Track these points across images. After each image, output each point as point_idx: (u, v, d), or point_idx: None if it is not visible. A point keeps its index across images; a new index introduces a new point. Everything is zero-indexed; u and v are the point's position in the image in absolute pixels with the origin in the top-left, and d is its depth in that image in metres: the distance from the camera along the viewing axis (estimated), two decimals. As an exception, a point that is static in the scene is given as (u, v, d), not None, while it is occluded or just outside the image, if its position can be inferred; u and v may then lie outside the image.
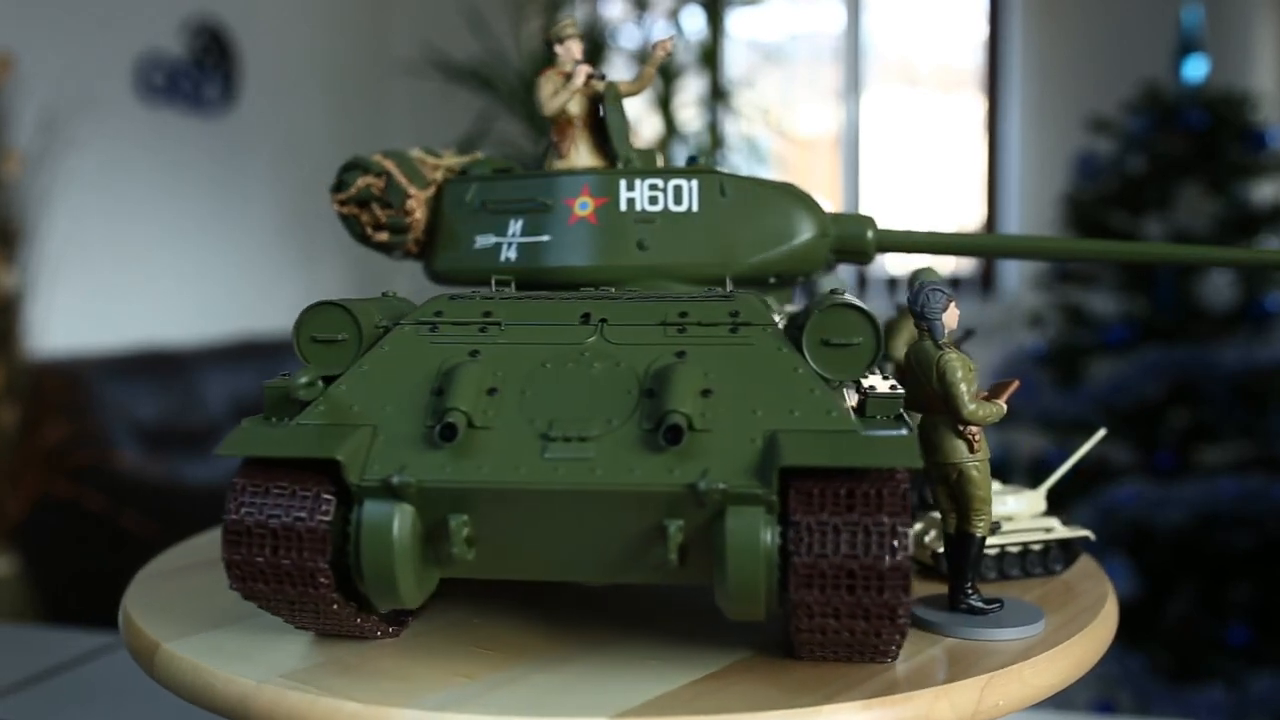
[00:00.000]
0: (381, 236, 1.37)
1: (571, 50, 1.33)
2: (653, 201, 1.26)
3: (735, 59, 5.63)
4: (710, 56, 5.09)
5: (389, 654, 1.05)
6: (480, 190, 1.33)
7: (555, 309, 1.07)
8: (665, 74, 4.95)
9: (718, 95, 5.13)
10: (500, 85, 4.93)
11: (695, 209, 1.26)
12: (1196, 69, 4.14)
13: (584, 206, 1.27)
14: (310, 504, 0.97)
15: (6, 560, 3.66)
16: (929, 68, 6.22)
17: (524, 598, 1.19)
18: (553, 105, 1.32)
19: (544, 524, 0.96)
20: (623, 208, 1.26)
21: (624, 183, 1.27)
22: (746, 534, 0.90)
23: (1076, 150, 4.39)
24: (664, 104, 4.97)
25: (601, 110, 1.32)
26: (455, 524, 0.96)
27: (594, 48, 4.87)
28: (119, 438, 3.96)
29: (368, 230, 1.37)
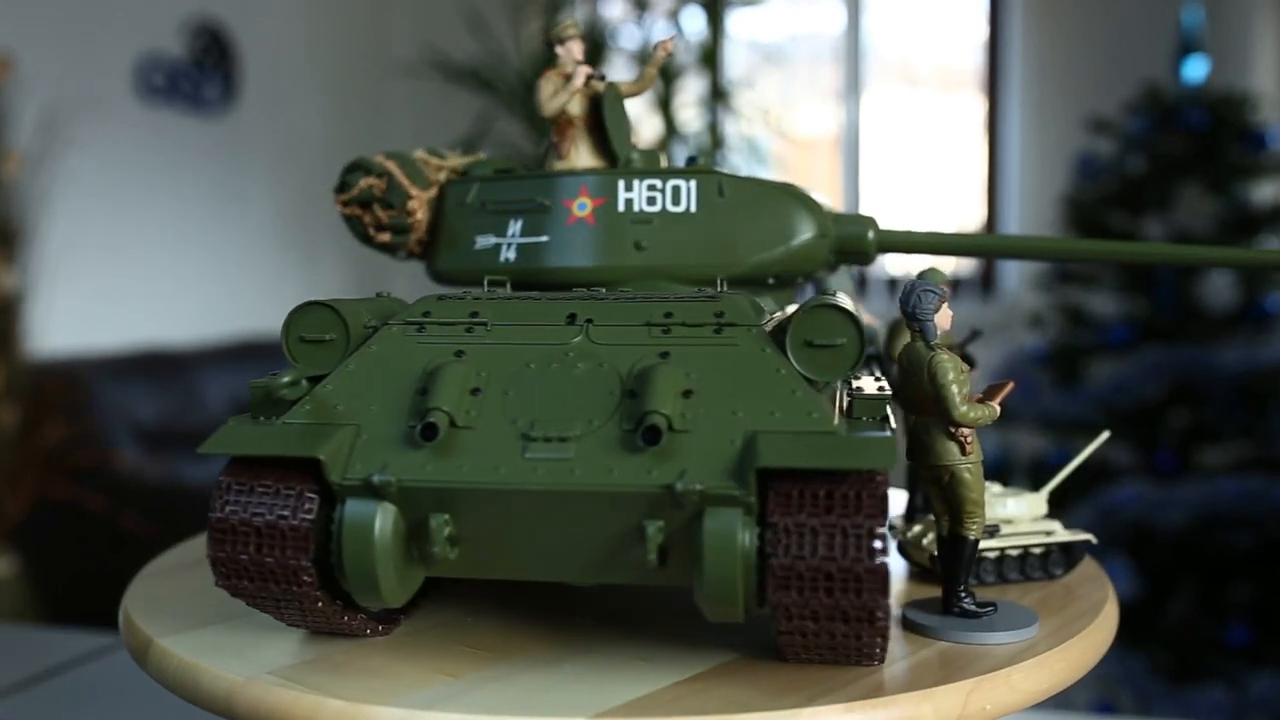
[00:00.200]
0: (384, 237, 1.38)
1: (572, 51, 1.33)
2: (651, 202, 1.26)
3: (735, 59, 5.64)
4: (710, 57, 5.10)
5: (378, 652, 1.05)
6: (481, 191, 1.34)
7: (542, 309, 1.07)
8: (665, 74, 4.95)
9: (718, 96, 5.13)
10: (500, 86, 4.93)
11: (693, 209, 1.26)
12: (1196, 69, 4.14)
13: (582, 207, 1.27)
14: (293, 502, 0.98)
15: (6, 560, 3.66)
16: (929, 68, 6.22)
17: (518, 598, 1.19)
18: (552, 106, 1.32)
19: (525, 524, 0.96)
20: (620, 208, 1.26)
21: (622, 183, 1.27)
22: (723, 535, 0.90)
23: (1076, 151, 4.39)
24: (664, 104, 4.97)
25: (602, 111, 1.32)
26: (436, 523, 0.96)
27: (594, 48, 4.87)
28: (119, 438, 3.96)
29: (370, 231, 1.38)
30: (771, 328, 1.02)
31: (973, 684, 0.95)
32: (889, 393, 1.01)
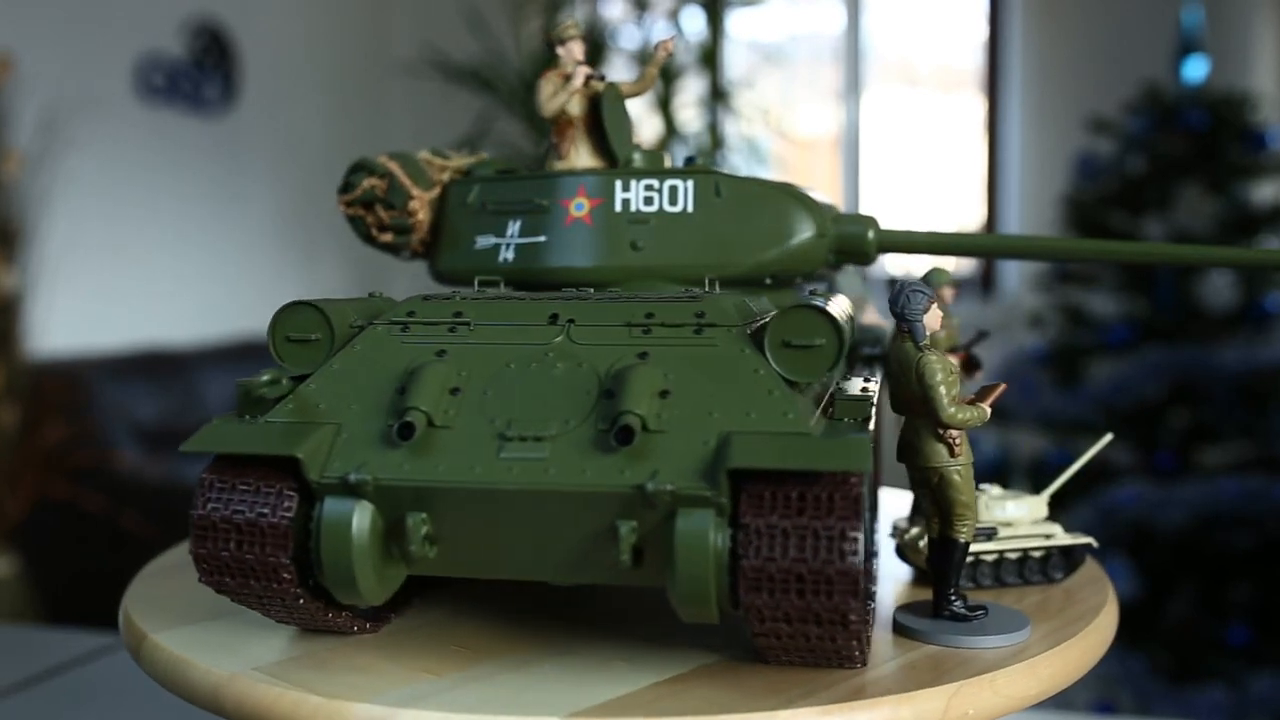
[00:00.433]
0: (386, 237, 1.38)
1: (573, 51, 1.33)
2: (648, 202, 1.26)
3: (735, 59, 5.63)
4: (710, 57, 5.09)
5: (365, 649, 1.06)
6: (482, 191, 1.34)
7: (525, 309, 1.07)
8: (665, 75, 4.95)
9: (718, 96, 5.13)
10: (500, 86, 4.93)
11: (690, 209, 1.26)
12: (1196, 69, 4.14)
13: (580, 207, 1.28)
14: (273, 500, 0.99)
15: (6, 560, 3.66)
16: (929, 68, 6.22)
17: (509, 597, 1.20)
18: (552, 106, 1.32)
19: (501, 523, 0.97)
20: (618, 208, 1.26)
21: (619, 183, 1.27)
22: (695, 536, 0.90)
23: (1076, 151, 4.39)
24: (664, 105, 4.97)
25: (601, 111, 1.32)
26: (413, 522, 0.97)
27: (594, 48, 4.87)
28: (119, 438, 3.95)
29: (373, 231, 1.38)
30: (754, 329, 1.02)
31: (955, 688, 0.94)
32: (871, 394, 1.00)
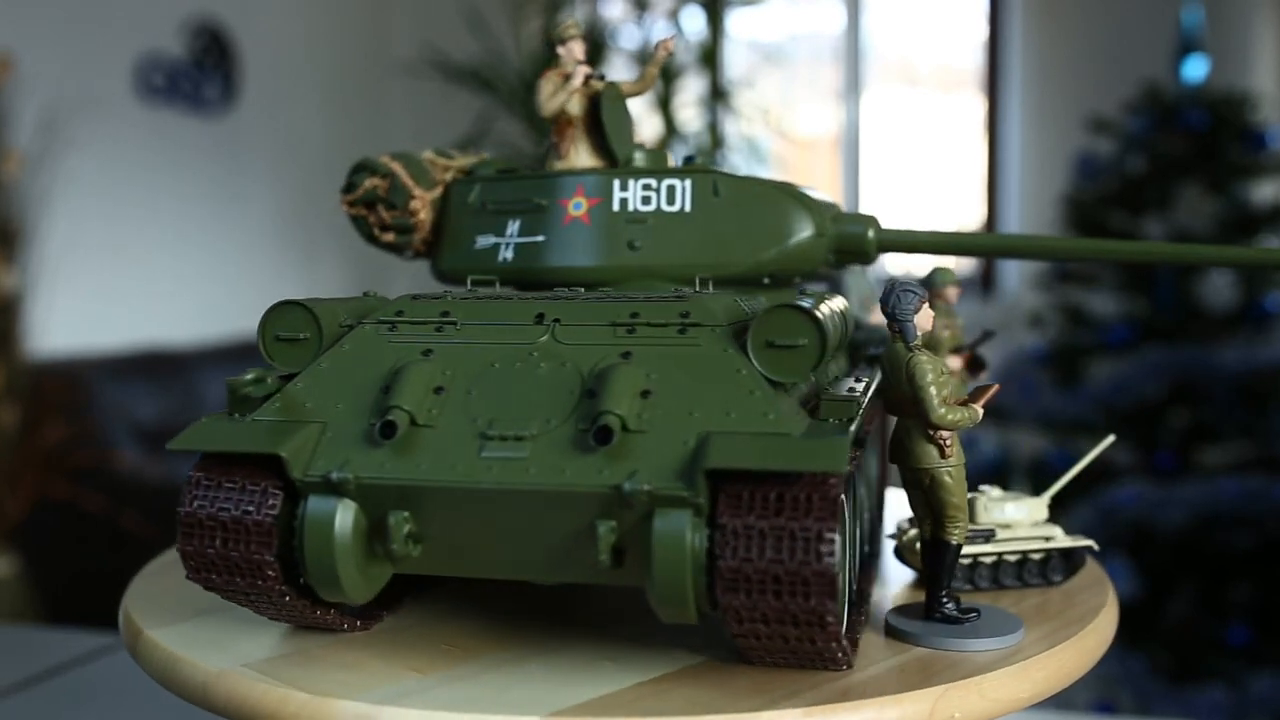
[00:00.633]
0: (388, 237, 1.39)
1: (573, 51, 1.33)
2: (646, 202, 1.26)
3: (735, 59, 5.63)
4: (710, 57, 5.10)
5: (356, 647, 1.07)
6: (482, 191, 1.34)
7: (512, 309, 1.07)
8: (665, 74, 4.95)
9: (718, 95, 5.13)
10: (500, 86, 4.93)
11: (688, 209, 1.26)
12: (1196, 69, 4.14)
13: (578, 207, 1.28)
14: (258, 498, 1.00)
15: (6, 560, 3.66)
16: (929, 68, 6.22)
17: (502, 596, 1.20)
18: (551, 106, 1.32)
19: (483, 522, 0.97)
20: (615, 208, 1.26)
21: (617, 183, 1.27)
22: (672, 536, 0.90)
23: (1076, 150, 4.39)
24: (664, 104, 4.97)
25: (601, 110, 1.32)
26: (395, 520, 0.97)
27: (594, 48, 4.87)
28: (119, 438, 3.95)
29: (375, 231, 1.39)
30: (739, 329, 1.02)
31: (941, 690, 0.93)
32: (856, 395, 0.99)
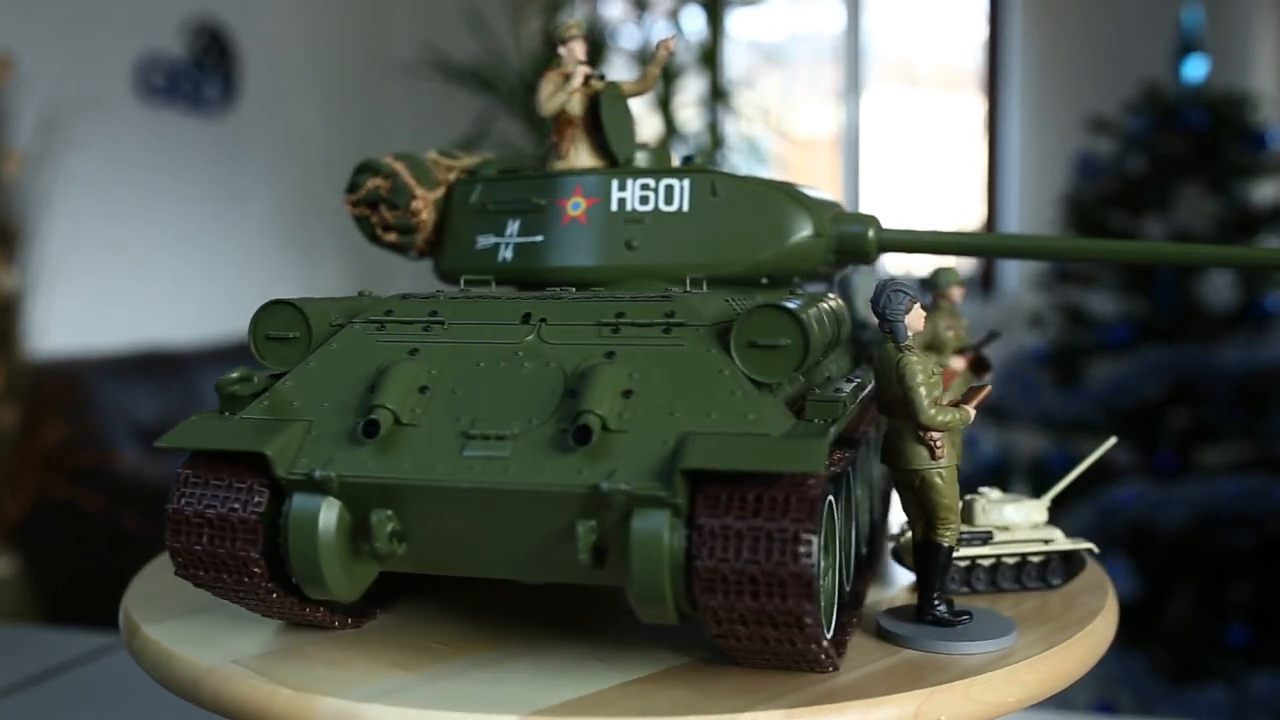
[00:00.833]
0: (390, 237, 1.39)
1: (574, 51, 1.33)
2: (643, 202, 1.26)
3: (735, 59, 5.63)
4: (710, 57, 5.09)
5: (346, 644, 1.07)
6: (483, 191, 1.34)
7: (499, 309, 1.08)
8: (665, 74, 4.95)
9: (718, 95, 5.13)
10: (500, 86, 4.93)
11: (686, 209, 1.26)
12: (1196, 69, 4.14)
13: (576, 207, 1.28)
14: (244, 496, 1.01)
15: (6, 560, 3.66)
16: (929, 68, 6.22)
17: (501, 596, 1.20)
18: (551, 106, 1.32)
19: (465, 521, 0.97)
20: (613, 208, 1.26)
21: (616, 183, 1.27)
22: (650, 536, 0.90)
23: (1076, 150, 4.39)
24: (664, 104, 4.97)
25: (600, 110, 1.32)
26: (378, 519, 0.97)
27: (594, 48, 4.87)
28: (119, 438, 3.95)
29: (378, 231, 1.39)
30: (723, 329, 1.01)
31: (926, 694, 0.93)
32: (841, 397, 0.99)
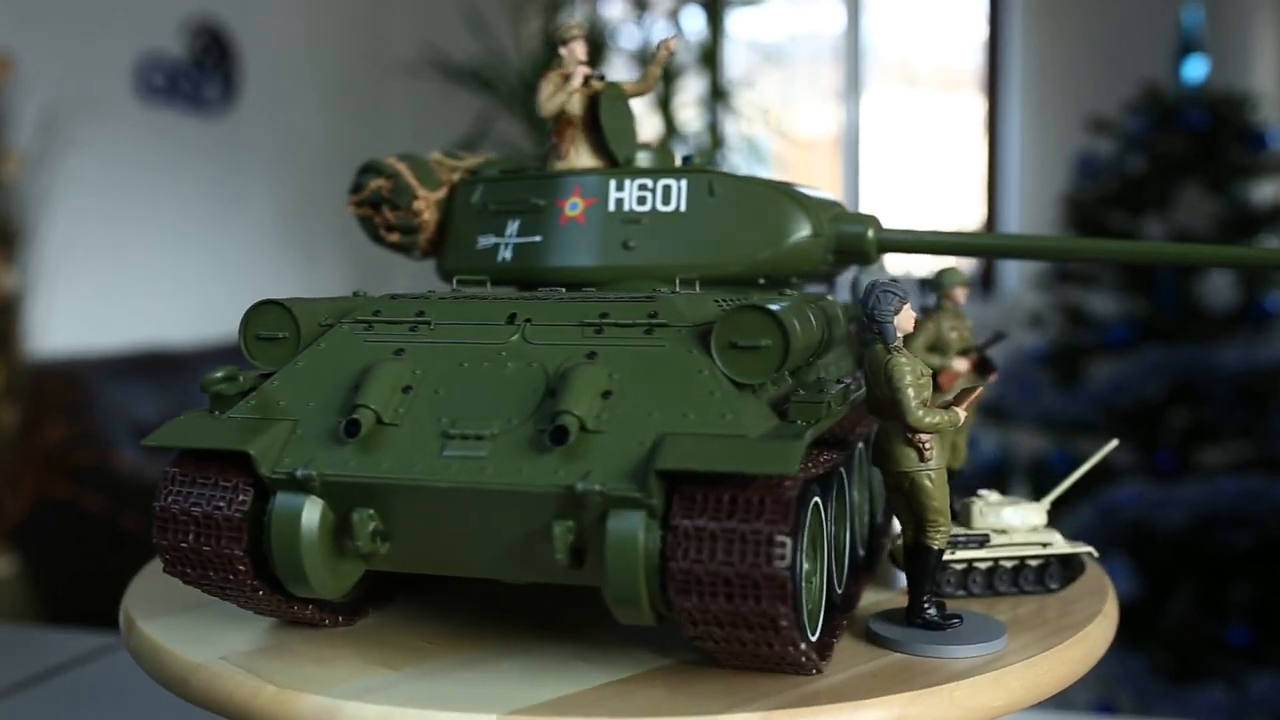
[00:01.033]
0: (393, 237, 1.40)
1: (575, 52, 1.33)
2: (641, 202, 1.26)
3: (735, 59, 5.63)
4: (710, 57, 5.09)
5: (335, 642, 1.08)
6: (485, 191, 1.35)
7: (485, 309, 1.08)
8: (665, 74, 4.95)
9: (718, 95, 5.13)
10: (500, 86, 4.93)
11: (683, 209, 1.26)
12: (1196, 69, 4.14)
13: (574, 207, 1.28)
14: (229, 494, 1.02)
15: (6, 560, 3.66)
16: (929, 68, 6.22)
17: (498, 595, 1.20)
18: (550, 106, 1.32)
19: (445, 521, 0.98)
20: (611, 208, 1.26)
21: (613, 183, 1.27)
22: (625, 537, 0.90)
23: (1076, 150, 4.39)
24: (664, 104, 4.97)
25: (600, 110, 1.32)
26: (359, 518, 0.98)
27: (594, 48, 4.87)
28: (119, 438, 3.95)
29: (381, 231, 1.40)
30: (705, 329, 1.01)
31: (909, 697, 0.92)
32: (823, 398, 0.98)
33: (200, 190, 5.07)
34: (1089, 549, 1.26)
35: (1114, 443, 1.34)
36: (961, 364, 1.35)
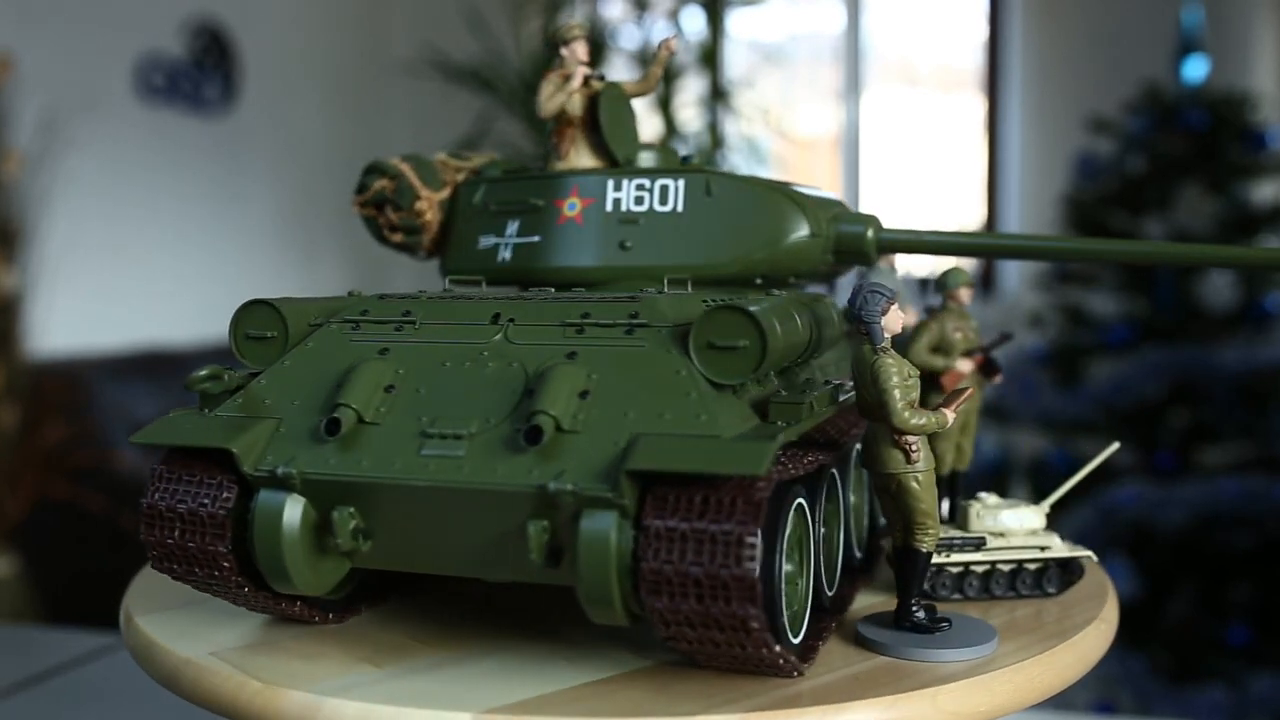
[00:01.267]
0: (397, 238, 1.40)
1: (577, 52, 1.33)
2: (638, 202, 1.26)
3: (735, 59, 5.63)
4: (710, 57, 5.09)
5: (324, 639, 1.09)
6: (486, 192, 1.35)
7: (470, 309, 1.09)
8: (665, 74, 4.95)
9: (718, 95, 5.13)
10: (500, 86, 4.93)
11: (680, 209, 1.26)
12: (1196, 69, 4.14)
13: (572, 207, 1.28)
14: (213, 491, 1.03)
15: (6, 560, 3.66)
16: (929, 68, 6.22)
17: (495, 594, 1.20)
18: (550, 107, 1.32)
19: (424, 519, 0.98)
20: (608, 208, 1.26)
21: (611, 183, 1.27)
22: (597, 536, 0.90)
23: (1076, 150, 4.39)
24: (664, 104, 4.97)
25: (599, 110, 1.32)
26: (340, 516, 0.98)
27: (594, 48, 4.86)
28: (119, 438, 3.95)
29: (385, 232, 1.40)
30: (685, 330, 1.00)
31: (890, 701, 0.92)
32: (804, 400, 0.98)
33: (200, 190, 5.07)
34: (1088, 553, 1.24)
35: (1115, 446, 1.34)
36: (966, 365, 1.34)
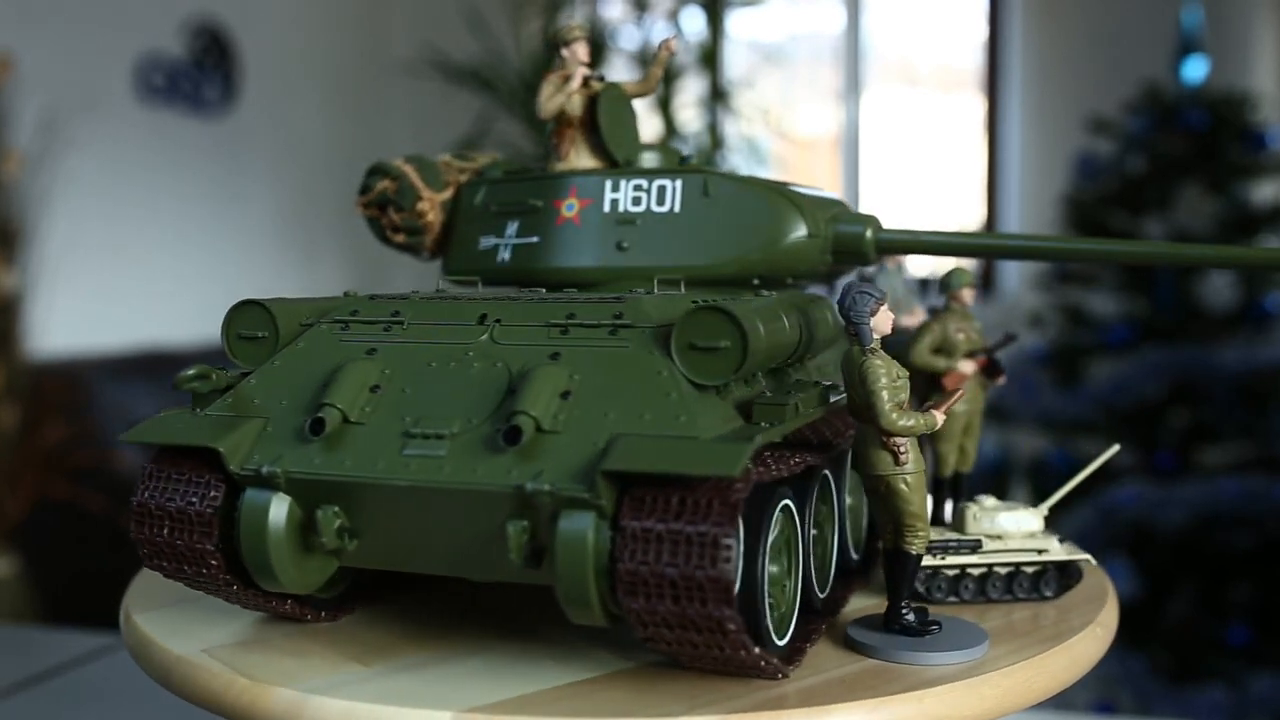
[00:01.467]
0: (399, 238, 1.40)
1: (577, 53, 1.33)
2: (636, 203, 1.26)
3: (735, 59, 5.63)
4: (710, 57, 5.09)
5: (315, 637, 1.10)
6: (487, 193, 1.35)
7: (457, 309, 1.09)
8: (665, 74, 4.94)
9: (718, 96, 5.13)
10: (500, 86, 4.93)
11: (677, 210, 1.26)
12: (1196, 69, 4.14)
13: (570, 208, 1.28)
14: (201, 490, 1.03)
15: (6, 560, 3.66)
16: (929, 68, 6.22)
17: (493, 593, 1.20)
18: (549, 107, 1.32)
19: (407, 519, 0.99)
20: (606, 209, 1.27)
21: (609, 184, 1.27)
22: (574, 537, 0.90)
23: (1076, 150, 4.39)
24: (664, 105, 4.97)
25: (598, 111, 1.32)
26: (324, 515, 0.99)
27: (594, 48, 4.86)
28: (118, 438, 3.95)
29: (388, 232, 1.40)
30: (669, 331, 1.00)
31: (875, 704, 0.92)
32: (788, 402, 0.97)
33: (200, 190, 5.07)
34: (1086, 556, 1.24)
35: (1114, 449, 1.33)
36: (969, 365, 1.34)
